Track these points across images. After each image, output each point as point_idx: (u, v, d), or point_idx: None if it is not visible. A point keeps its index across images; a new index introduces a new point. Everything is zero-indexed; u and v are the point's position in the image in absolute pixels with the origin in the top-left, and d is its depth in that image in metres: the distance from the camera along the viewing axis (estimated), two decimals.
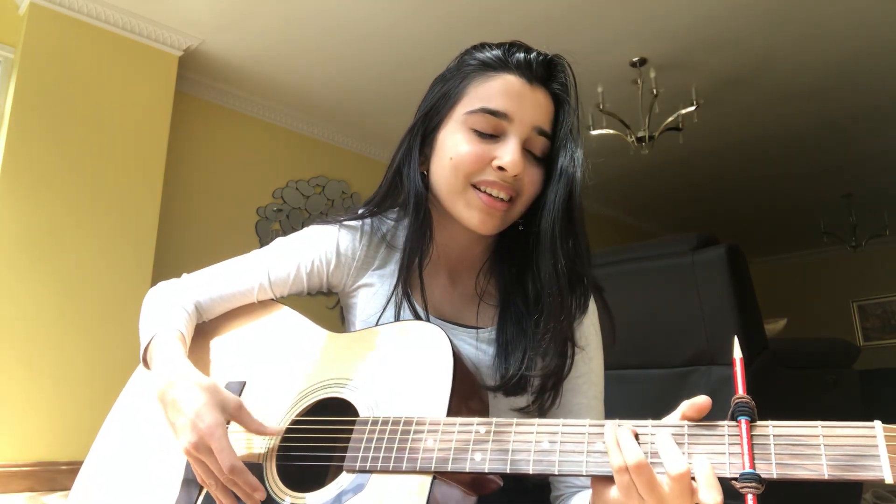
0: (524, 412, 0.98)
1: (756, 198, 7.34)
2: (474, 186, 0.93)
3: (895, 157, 6.19)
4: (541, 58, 0.95)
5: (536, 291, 0.96)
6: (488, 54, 0.96)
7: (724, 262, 2.12)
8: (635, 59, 4.45)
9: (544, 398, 0.95)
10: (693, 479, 0.63)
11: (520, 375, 0.94)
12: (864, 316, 8.53)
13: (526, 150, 0.93)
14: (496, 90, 0.93)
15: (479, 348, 0.99)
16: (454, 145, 0.94)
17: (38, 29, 3.61)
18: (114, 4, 3.78)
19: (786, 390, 2.33)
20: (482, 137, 0.92)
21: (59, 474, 3.26)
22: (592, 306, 1.04)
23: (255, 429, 0.86)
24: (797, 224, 8.14)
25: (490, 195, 0.92)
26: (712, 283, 2.13)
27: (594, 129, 4.69)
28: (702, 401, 0.67)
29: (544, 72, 0.95)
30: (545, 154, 0.95)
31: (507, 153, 0.90)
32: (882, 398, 4.51)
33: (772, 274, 9.13)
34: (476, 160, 0.92)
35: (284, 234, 1.10)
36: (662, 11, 3.94)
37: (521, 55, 0.94)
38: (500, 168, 0.91)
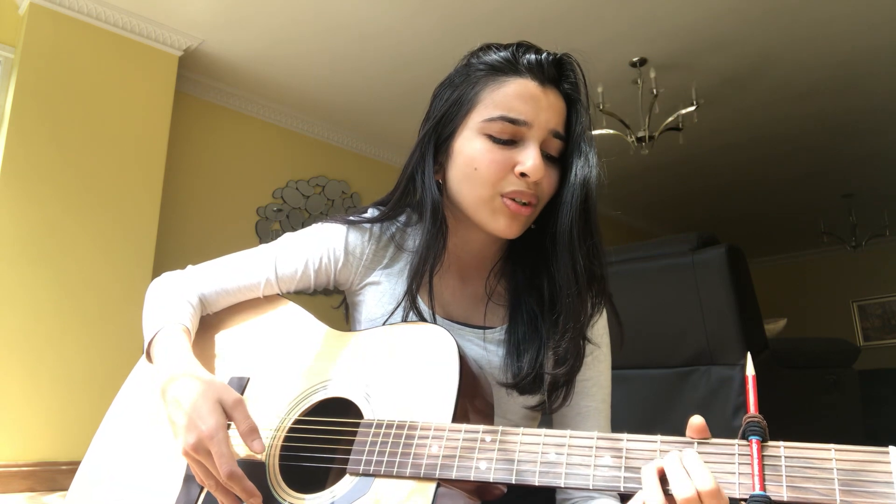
0: (536, 410, 0.98)
1: (756, 198, 7.34)
2: (500, 195, 0.93)
3: (895, 157, 6.19)
4: (551, 58, 0.95)
5: (552, 292, 0.96)
6: (497, 56, 0.95)
7: (724, 262, 2.12)
8: (635, 59, 4.45)
9: (556, 395, 0.95)
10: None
11: (534, 374, 0.94)
12: (864, 316, 8.53)
13: (542, 152, 0.93)
14: (511, 95, 0.92)
15: (487, 349, 0.99)
16: (475, 155, 0.93)
17: (38, 29, 3.60)
18: (114, 4, 3.78)
19: (786, 390, 2.33)
20: (501, 144, 0.92)
21: (59, 474, 3.25)
22: (602, 311, 1.05)
23: (244, 430, 0.83)
24: (797, 224, 8.13)
25: (514, 201, 0.92)
26: (712, 283, 2.13)
27: (594, 129, 4.67)
28: (698, 423, 0.67)
29: (555, 72, 0.95)
30: (560, 155, 0.95)
31: (529, 159, 0.90)
32: (882, 398, 4.51)
33: (772, 274, 9.13)
34: (500, 169, 0.92)
35: (284, 233, 1.09)
36: (662, 11, 3.94)
37: (532, 56, 0.94)
38: (523, 174, 0.91)
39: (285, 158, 5.07)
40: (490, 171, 0.92)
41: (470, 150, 0.94)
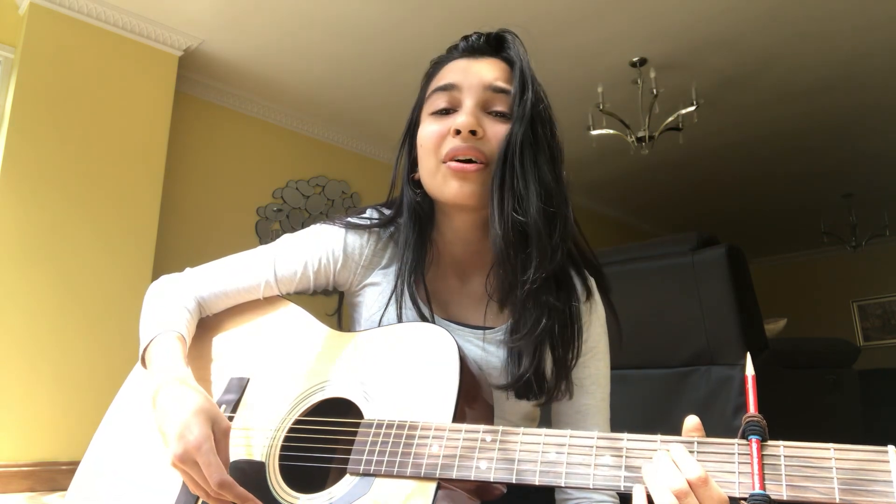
0: (536, 406, 0.99)
1: (756, 198, 7.34)
2: (445, 162, 0.94)
3: (895, 157, 6.19)
4: (482, 37, 1.01)
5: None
6: (440, 56, 1.05)
7: (724, 262, 2.12)
8: (635, 59, 4.45)
9: (555, 390, 0.96)
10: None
11: (530, 374, 0.93)
12: (864, 316, 8.53)
13: (491, 111, 0.96)
14: (444, 73, 1.00)
15: (486, 349, 0.99)
16: (421, 134, 0.99)
17: (38, 29, 3.60)
18: (114, 4, 3.78)
19: (786, 390, 2.33)
20: (440, 115, 0.97)
21: (59, 474, 3.25)
22: (601, 309, 1.05)
23: (222, 459, 0.81)
24: (797, 224, 8.14)
25: (458, 161, 0.93)
26: (712, 283, 2.13)
27: (594, 129, 4.69)
28: (693, 423, 0.67)
29: (488, 46, 1.01)
30: (513, 112, 0.96)
31: (462, 115, 0.94)
32: (882, 398, 4.50)
33: (772, 274, 9.13)
34: (438, 135, 0.95)
35: (284, 234, 1.10)
36: (662, 11, 3.94)
37: (463, 42, 1.02)
38: (458, 131, 0.93)
39: (285, 158, 5.07)
40: (430, 140, 0.96)
41: (419, 133, 0.99)
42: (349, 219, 1.06)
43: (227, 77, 4.59)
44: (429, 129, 0.96)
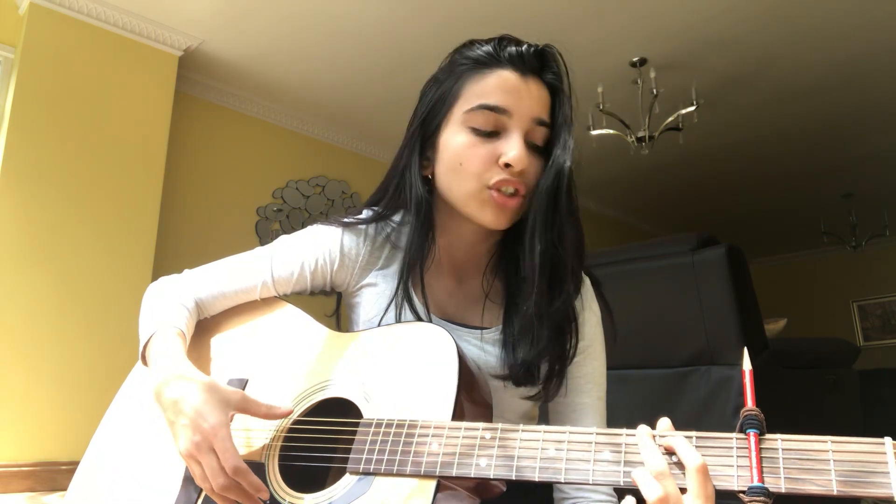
0: (534, 399, 0.99)
1: (756, 198, 7.34)
2: (489, 189, 0.93)
3: (895, 156, 6.19)
4: (532, 49, 0.96)
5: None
6: (479, 51, 0.96)
7: (724, 262, 2.12)
8: (635, 59, 4.45)
9: (550, 385, 0.96)
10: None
11: (528, 364, 0.94)
12: (864, 316, 8.53)
13: (527, 141, 0.94)
14: (492, 86, 0.94)
15: (485, 349, 0.99)
16: (460, 148, 0.94)
17: (38, 29, 3.60)
18: (114, 4, 3.78)
19: (786, 390, 2.33)
20: (484, 136, 0.93)
21: (59, 474, 3.26)
22: (596, 307, 1.05)
23: (265, 413, 0.86)
24: (797, 224, 8.14)
25: (500, 192, 0.92)
26: (712, 283, 2.13)
27: (594, 129, 4.69)
28: (664, 425, 0.69)
29: (537, 63, 0.96)
30: (546, 143, 0.96)
31: (512, 148, 0.91)
32: (882, 398, 4.51)
33: (772, 274, 9.13)
34: (484, 162, 0.92)
35: (284, 234, 1.09)
36: (662, 11, 3.94)
37: (513, 49, 0.95)
38: (507, 164, 0.91)
39: (285, 158, 5.07)
40: (475, 164, 0.92)
41: (455, 144, 0.95)
42: (346, 219, 1.05)
43: (227, 77, 4.59)
44: (472, 151, 0.93)
